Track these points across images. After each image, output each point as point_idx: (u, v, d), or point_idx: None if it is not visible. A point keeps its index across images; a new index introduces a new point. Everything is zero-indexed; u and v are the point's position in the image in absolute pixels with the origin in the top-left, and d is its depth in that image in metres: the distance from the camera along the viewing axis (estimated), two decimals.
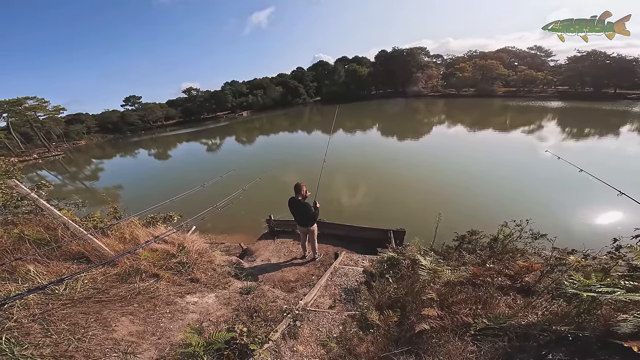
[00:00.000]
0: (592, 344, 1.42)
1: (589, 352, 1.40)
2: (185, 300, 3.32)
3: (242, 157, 24.42)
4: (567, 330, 1.54)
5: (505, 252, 3.60)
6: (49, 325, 2.16)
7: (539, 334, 1.62)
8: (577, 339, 1.49)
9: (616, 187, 2.67)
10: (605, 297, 1.52)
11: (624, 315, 1.44)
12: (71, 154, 44.60)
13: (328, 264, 5.11)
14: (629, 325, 1.37)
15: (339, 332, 2.50)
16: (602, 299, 1.55)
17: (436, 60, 72.74)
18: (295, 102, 75.83)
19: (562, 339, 1.52)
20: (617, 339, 1.37)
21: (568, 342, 1.49)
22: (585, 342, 1.45)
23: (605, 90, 41.52)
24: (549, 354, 1.41)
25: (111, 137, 61.94)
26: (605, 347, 1.40)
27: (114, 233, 4.24)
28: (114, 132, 64.36)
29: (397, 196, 10.48)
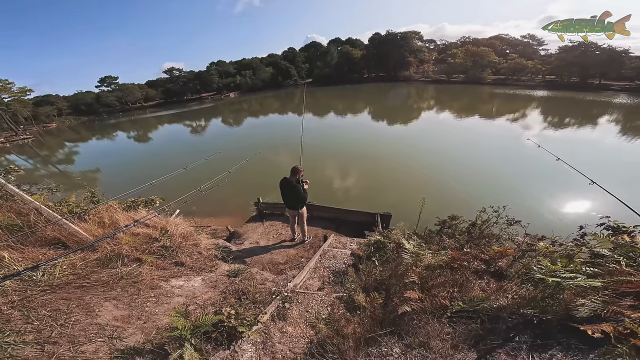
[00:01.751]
0: (553, 327, 1.56)
1: (550, 334, 1.54)
2: (170, 284, 3.32)
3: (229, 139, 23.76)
4: (532, 314, 1.68)
5: (482, 237, 3.79)
6: (29, 311, 2.12)
7: (508, 316, 1.76)
8: (540, 322, 1.63)
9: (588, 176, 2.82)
10: (568, 283, 1.65)
11: (582, 300, 1.58)
12: (42, 137, 42.02)
13: (317, 246, 5.20)
14: (586, 309, 1.51)
15: (328, 314, 2.60)
16: (564, 284, 1.68)
17: (429, 45, 71.77)
18: (285, 84, 73.64)
19: (528, 322, 1.66)
20: (575, 322, 1.51)
21: (533, 325, 1.63)
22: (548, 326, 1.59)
23: (590, 81, 42.64)
24: (516, 337, 1.54)
25: (86, 119, 58.72)
26: (564, 331, 1.54)
27: (92, 218, 4.11)
28: (88, 114, 61.00)
29: (385, 180, 10.67)
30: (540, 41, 59.44)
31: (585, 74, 42.73)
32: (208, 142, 23.70)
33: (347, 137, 18.43)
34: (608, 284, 1.64)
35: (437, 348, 1.68)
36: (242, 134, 25.57)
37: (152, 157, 20.78)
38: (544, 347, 1.52)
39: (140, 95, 69.18)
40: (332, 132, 20.23)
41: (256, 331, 2.34)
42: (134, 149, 26.52)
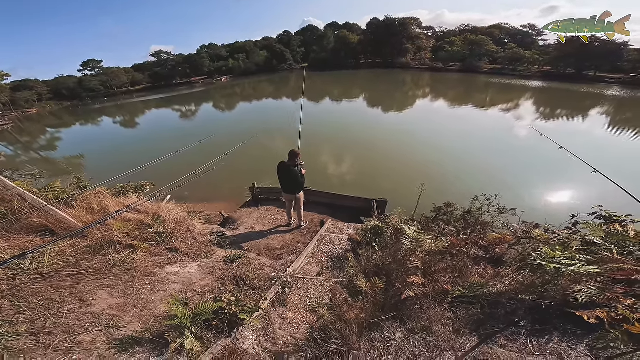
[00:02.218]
0: (552, 313, 1.60)
1: (548, 320, 1.57)
2: (166, 270, 3.27)
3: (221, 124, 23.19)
4: (530, 299, 1.72)
5: (477, 224, 3.85)
6: (19, 301, 2.04)
7: (507, 302, 1.79)
8: (539, 307, 1.67)
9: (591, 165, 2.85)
10: (567, 269, 1.68)
11: (579, 287, 1.61)
12: (21, 123, 40.03)
13: (314, 231, 5.20)
14: (582, 296, 1.55)
15: (329, 299, 2.61)
16: (564, 271, 1.71)
17: (427, 32, 70.41)
18: (280, 68, 71.51)
19: (527, 307, 1.69)
20: (572, 308, 1.54)
21: (532, 310, 1.67)
22: (546, 311, 1.62)
23: (586, 73, 42.97)
24: (521, 321, 1.58)
25: (68, 104, 55.98)
26: (561, 316, 1.58)
27: (79, 204, 3.96)
28: (71, 99, 58.16)
29: (379, 166, 10.70)
30: (539, 31, 58.94)
31: (581, 66, 42.96)
32: (199, 126, 23.08)
33: (342, 123, 18.27)
34: (603, 271, 1.68)
35: (440, 333, 1.71)
36: (235, 119, 24.95)
37: (140, 142, 20.15)
38: (541, 332, 1.56)
39: (126, 80, 66.27)
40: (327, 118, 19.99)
41: (257, 318, 2.33)
42: (121, 134, 25.66)
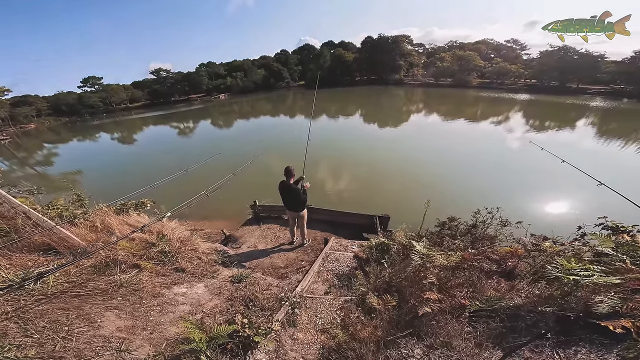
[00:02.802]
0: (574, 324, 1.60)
1: (571, 331, 1.57)
2: (173, 291, 3.20)
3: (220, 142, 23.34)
4: (551, 311, 1.71)
5: (485, 237, 3.86)
6: (26, 323, 1.98)
7: (526, 314, 1.79)
8: (561, 319, 1.67)
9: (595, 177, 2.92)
10: (586, 281, 1.70)
11: (599, 297, 1.62)
12: (19, 138, 40.12)
13: (317, 249, 5.15)
14: (605, 306, 1.55)
15: (341, 318, 2.56)
16: (582, 282, 1.72)
17: (418, 49, 73.47)
18: (278, 86, 73.26)
19: (548, 319, 1.69)
20: (595, 319, 1.55)
21: (553, 322, 1.66)
22: (569, 322, 1.62)
23: (569, 85, 44.84)
24: (547, 333, 1.57)
25: (67, 120, 56.36)
26: (585, 327, 1.58)
27: (83, 222, 3.92)
28: (70, 115, 58.57)
29: (378, 182, 10.75)
30: (522, 46, 62.05)
31: (564, 78, 44.90)
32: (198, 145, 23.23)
33: (339, 139, 18.51)
34: (621, 281, 1.70)
35: (461, 347, 1.68)
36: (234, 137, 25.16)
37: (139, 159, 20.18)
38: (567, 344, 1.55)
39: (125, 96, 67.00)
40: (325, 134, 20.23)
41: (269, 339, 2.27)
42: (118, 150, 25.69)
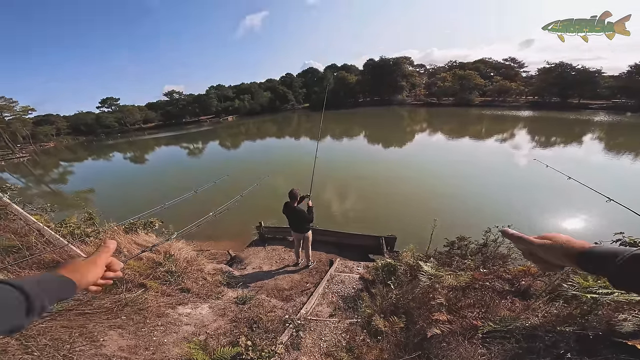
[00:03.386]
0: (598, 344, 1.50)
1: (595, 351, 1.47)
2: (177, 311, 3.15)
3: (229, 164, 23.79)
4: (571, 331, 1.62)
5: (496, 257, 3.73)
6: (27, 340, 1.96)
7: (544, 335, 1.69)
8: (584, 338, 1.57)
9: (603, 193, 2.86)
10: (606, 299, 1.62)
11: (623, 315, 1.53)
12: (37, 156, 41.71)
13: (322, 271, 5.05)
14: (629, 324, 1.46)
15: (346, 341, 2.46)
16: (602, 300, 1.64)
17: (419, 69, 75.86)
18: (283, 108, 75.74)
19: (568, 339, 1.59)
20: (619, 337, 1.45)
21: (575, 342, 1.56)
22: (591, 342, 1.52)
23: (570, 100, 45.01)
24: (567, 353, 1.47)
25: (84, 139, 58.80)
26: (610, 346, 1.48)
27: (92, 240, 3.98)
28: (87, 135, 61.27)
29: (384, 202, 10.64)
30: (520, 64, 63.54)
31: (564, 94, 45.22)
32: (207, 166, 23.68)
33: (344, 160, 18.64)
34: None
35: None
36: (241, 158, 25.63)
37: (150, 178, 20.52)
38: None
39: (139, 117, 69.83)
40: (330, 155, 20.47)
41: None
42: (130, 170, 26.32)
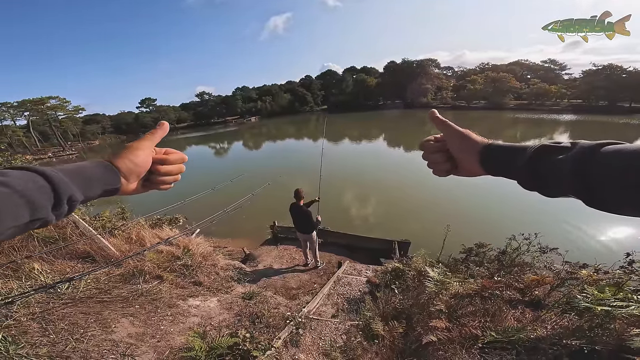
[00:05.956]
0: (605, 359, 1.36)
1: None
2: (188, 303, 3.31)
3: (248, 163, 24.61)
4: (578, 345, 1.47)
5: (513, 265, 3.49)
6: (47, 324, 2.17)
7: (548, 347, 1.55)
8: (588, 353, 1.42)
9: None
10: (620, 312, 1.45)
11: (637, 330, 1.37)
12: (84, 153, 45.44)
13: (331, 272, 5.05)
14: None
15: (343, 342, 2.44)
16: (615, 313, 1.48)
17: (447, 72, 73.03)
18: (302, 110, 76.65)
19: (574, 353, 1.45)
20: (629, 354, 1.31)
21: (580, 356, 1.42)
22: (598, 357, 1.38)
23: (620, 104, 40.81)
24: None
25: (124, 137, 63.23)
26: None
27: (120, 233, 4.32)
28: (127, 133, 65.91)
29: (403, 207, 10.35)
30: (562, 66, 58.92)
31: (613, 97, 41.06)
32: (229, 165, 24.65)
33: (362, 163, 18.42)
34: None
35: None
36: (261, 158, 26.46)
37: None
38: None
39: (174, 117, 73.45)
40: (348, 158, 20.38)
41: (269, 356, 2.22)
42: None
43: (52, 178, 0.37)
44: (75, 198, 0.39)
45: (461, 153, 0.52)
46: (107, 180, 0.44)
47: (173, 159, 0.56)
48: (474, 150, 0.49)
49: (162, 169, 0.54)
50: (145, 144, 0.52)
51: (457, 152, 0.53)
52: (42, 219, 0.35)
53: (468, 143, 0.50)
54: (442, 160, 0.55)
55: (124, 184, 0.47)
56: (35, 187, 0.34)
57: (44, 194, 0.35)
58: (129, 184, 0.49)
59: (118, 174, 0.46)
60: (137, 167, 0.49)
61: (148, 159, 0.52)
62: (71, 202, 0.39)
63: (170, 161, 0.55)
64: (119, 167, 0.46)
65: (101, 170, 0.44)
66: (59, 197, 0.37)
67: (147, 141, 0.52)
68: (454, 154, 0.53)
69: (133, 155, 0.49)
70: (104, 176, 0.44)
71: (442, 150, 0.55)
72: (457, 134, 0.52)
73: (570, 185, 0.34)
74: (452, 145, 0.53)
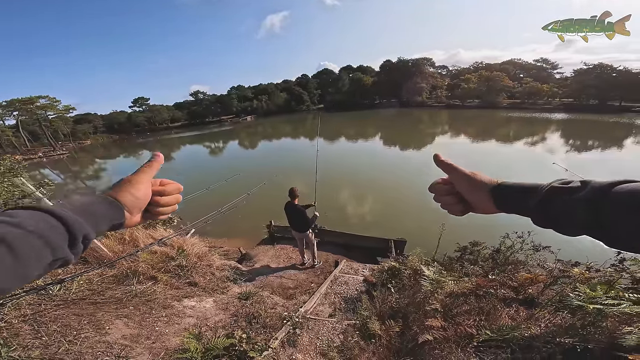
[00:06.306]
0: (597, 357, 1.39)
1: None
2: (183, 304, 3.28)
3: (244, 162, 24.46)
4: (571, 342, 1.50)
5: (507, 263, 3.54)
6: (39, 326, 2.14)
7: (542, 345, 1.58)
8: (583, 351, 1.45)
9: None
10: (611, 310, 1.49)
11: (628, 328, 1.41)
12: (76, 153, 44.60)
13: (328, 271, 5.05)
14: (633, 338, 1.34)
15: (340, 341, 2.45)
16: (607, 312, 1.51)
17: (441, 71, 73.46)
18: (298, 109, 76.41)
19: (567, 351, 1.48)
20: (621, 351, 1.34)
21: (573, 354, 1.45)
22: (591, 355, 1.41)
23: (610, 103, 41.59)
24: None
25: (117, 137, 62.42)
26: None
27: (113, 234, 4.24)
28: (120, 133, 64.98)
29: (399, 206, 10.40)
30: (554, 65, 59.82)
31: (604, 96, 41.85)
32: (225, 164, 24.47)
33: (358, 162, 18.47)
34: None
35: None
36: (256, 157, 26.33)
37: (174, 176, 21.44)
38: None
39: (167, 117, 72.73)
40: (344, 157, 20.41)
41: (266, 357, 2.22)
42: None
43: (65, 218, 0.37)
44: (89, 237, 0.40)
45: (471, 195, 0.52)
46: (113, 216, 0.45)
47: (170, 189, 0.58)
48: (484, 191, 0.49)
49: (161, 200, 0.55)
50: (144, 177, 0.53)
51: (466, 193, 0.53)
52: (62, 258, 0.36)
53: (476, 184, 0.50)
54: (454, 202, 0.55)
55: (127, 218, 0.49)
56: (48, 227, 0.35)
57: (59, 234, 0.35)
58: (132, 218, 0.50)
59: (122, 210, 0.47)
60: (139, 200, 0.50)
61: (148, 192, 0.53)
62: (86, 240, 0.40)
63: (168, 192, 0.57)
64: (122, 202, 0.47)
65: (106, 207, 0.45)
66: (74, 236, 0.37)
67: (145, 174, 0.54)
68: (464, 195, 0.53)
69: (134, 189, 0.50)
70: (109, 212, 0.45)
71: (453, 192, 0.55)
72: (464, 177, 0.52)
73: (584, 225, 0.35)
74: (460, 187, 0.53)
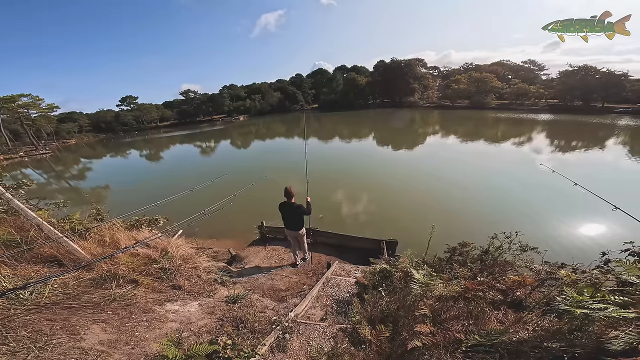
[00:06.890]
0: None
1: None
2: (165, 308, 3.16)
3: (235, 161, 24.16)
4: (558, 347, 1.49)
5: (495, 264, 3.56)
6: (7, 332, 2.00)
7: (530, 350, 1.56)
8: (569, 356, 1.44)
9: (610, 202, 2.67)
10: (598, 314, 1.48)
11: (615, 332, 1.40)
12: (59, 152, 43.44)
13: (320, 273, 4.99)
14: (620, 342, 1.33)
15: (331, 347, 2.39)
16: (594, 316, 1.50)
17: (433, 72, 74.44)
18: (292, 109, 76.26)
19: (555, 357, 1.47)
20: (608, 356, 1.33)
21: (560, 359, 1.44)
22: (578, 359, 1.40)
23: (593, 104, 42.99)
24: None
25: (103, 136, 61.03)
26: None
27: (93, 236, 4.06)
28: (106, 132, 63.51)
29: (390, 206, 10.45)
30: (540, 66, 61.44)
31: (587, 97, 43.25)
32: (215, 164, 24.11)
33: (351, 162, 18.51)
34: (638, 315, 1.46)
35: None
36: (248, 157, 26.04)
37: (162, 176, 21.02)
38: None
39: (156, 115, 71.41)
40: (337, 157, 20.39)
41: None
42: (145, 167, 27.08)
43: None
44: None
45: None
46: None
47: None
48: None
49: None
50: None
51: None
52: None
53: None
54: None
55: None
56: None
57: None
58: None
59: None
60: None
61: None
62: None
63: None
64: None
65: None
66: None
67: None
68: None
69: None
70: None
71: None
72: None
73: None
74: None
